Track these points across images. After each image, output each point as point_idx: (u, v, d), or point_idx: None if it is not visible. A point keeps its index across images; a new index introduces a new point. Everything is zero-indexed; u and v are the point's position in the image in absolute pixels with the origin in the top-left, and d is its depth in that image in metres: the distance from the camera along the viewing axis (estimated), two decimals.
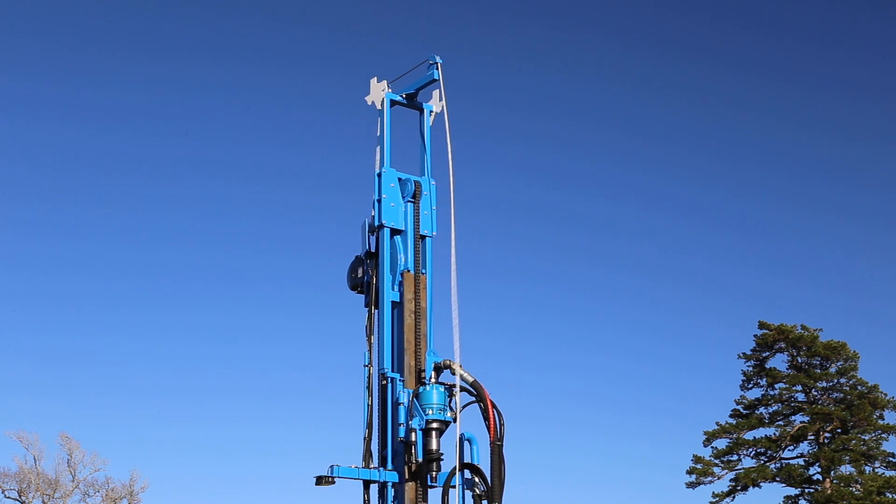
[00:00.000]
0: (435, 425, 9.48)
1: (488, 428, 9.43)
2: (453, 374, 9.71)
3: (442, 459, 9.49)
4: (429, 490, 9.58)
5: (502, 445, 9.39)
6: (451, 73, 10.56)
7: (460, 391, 9.70)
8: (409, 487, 9.55)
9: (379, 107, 10.69)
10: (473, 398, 9.62)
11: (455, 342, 9.64)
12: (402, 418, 9.59)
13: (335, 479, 9.41)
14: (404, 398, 9.64)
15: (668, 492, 75.03)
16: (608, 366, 79.08)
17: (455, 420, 9.63)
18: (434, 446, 9.45)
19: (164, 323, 77.83)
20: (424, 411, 9.49)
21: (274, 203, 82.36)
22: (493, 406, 9.45)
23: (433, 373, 9.78)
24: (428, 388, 9.60)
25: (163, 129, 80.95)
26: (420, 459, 9.44)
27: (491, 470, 9.32)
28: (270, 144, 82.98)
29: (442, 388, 9.63)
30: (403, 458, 9.59)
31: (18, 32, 76.21)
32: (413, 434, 9.46)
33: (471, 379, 9.64)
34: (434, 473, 9.43)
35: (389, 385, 9.79)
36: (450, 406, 9.63)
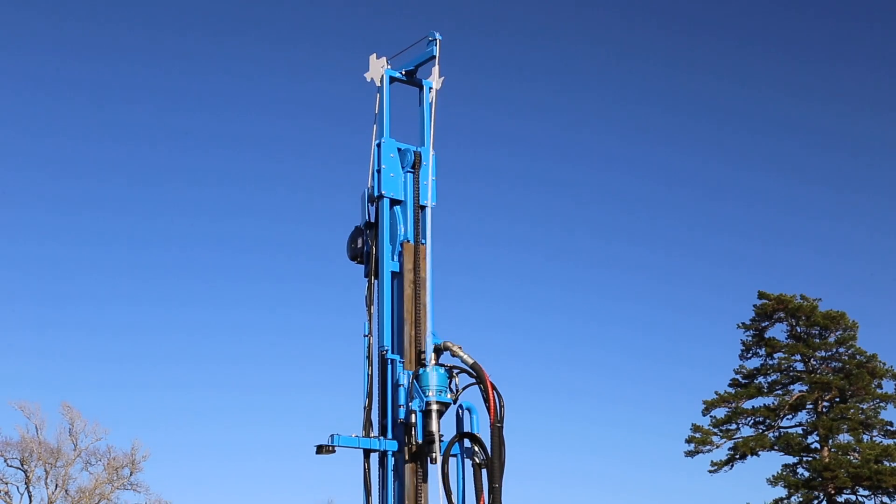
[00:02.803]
0: (435, 407, 9.47)
1: (488, 409, 9.41)
2: (453, 355, 9.70)
3: (442, 441, 9.49)
4: (428, 470, 9.58)
5: (502, 427, 9.38)
6: (450, 48, 10.55)
7: (460, 373, 9.68)
8: (409, 468, 9.56)
9: (378, 83, 10.65)
10: (473, 380, 9.62)
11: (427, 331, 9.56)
12: (402, 400, 9.59)
13: (336, 448, 9.45)
14: (404, 380, 9.64)
15: (667, 460, 75.42)
16: (607, 335, 79.24)
17: (455, 402, 9.63)
18: (434, 427, 9.45)
19: (166, 292, 77.93)
20: (424, 393, 9.49)
21: (275, 174, 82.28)
22: (493, 388, 9.43)
23: (433, 354, 9.77)
24: (428, 369, 9.60)
25: (163, 98, 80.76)
26: (420, 441, 9.45)
27: (491, 452, 9.32)
28: (271, 116, 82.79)
29: (442, 370, 9.62)
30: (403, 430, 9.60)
31: (24, 40, 76.04)
32: (413, 416, 9.47)
33: (470, 361, 9.62)
34: (434, 455, 9.43)
35: (389, 366, 9.79)
36: (450, 388, 9.63)
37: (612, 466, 74.83)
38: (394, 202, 10.30)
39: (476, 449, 9.51)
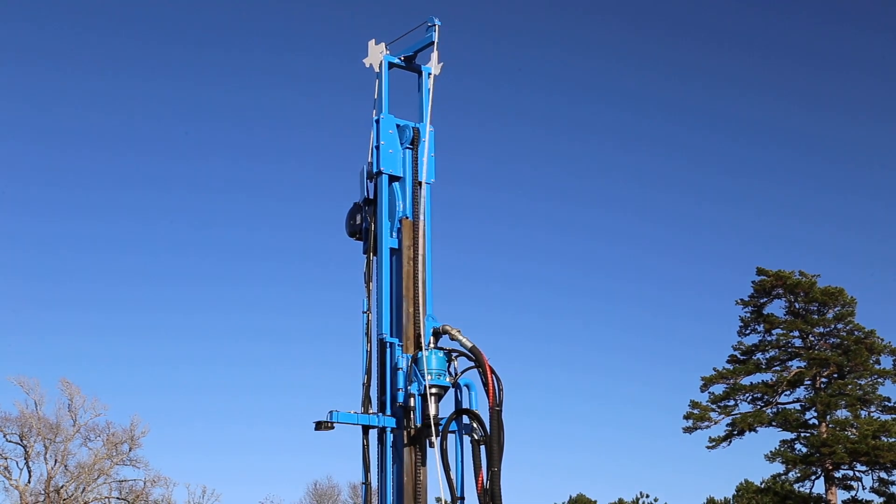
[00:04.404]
0: (433, 390, 9.44)
1: (487, 394, 9.37)
2: (452, 339, 9.65)
3: (440, 424, 9.44)
4: (427, 453, 9.55)
5: (501, 411, 9.33)
6: (448, 36, 10.49)
7: (458, 356, 9.63)
8: (408, 452, 9.54)
9: (377, 69, 10.58)
10: (472, 364, 9.57)
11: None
12: (400, 383, 9.56)
13: (334, 425, 9.43)
14: (403, 363, 9.61)
15: (666, 436, 75.68)
16: (606, 311, 79.36)
17: (453, 385, 9.59)
18: (433, 411, 9.40)
19: (165, 269, 77.92)
20: (423, 377, 9.46)
21: (274, 150, 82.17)
22: (492, 372, 9.37)
23: (431, 337, 9.73)
24: (426, 353, 9.56)
25: (165, 71, 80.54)
26: (419, 424, 9.42)
27: (490, 436, 9.29)
28: (272, 97, 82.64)
29: (440, 354, 9.57)
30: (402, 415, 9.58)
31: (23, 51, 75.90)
32: (412, 399, 9.44)
33: (469, 344, 9.56)
34: (433, 438, 9.41)
35: (388, 350, 9.76)
36: (448, 371, 9.59)
37: (611, 443, 75.10)
38: (392, 178, 10.26)
39: (475, 426, 9.48)
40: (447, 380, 9.54)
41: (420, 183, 10.28)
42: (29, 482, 48.01)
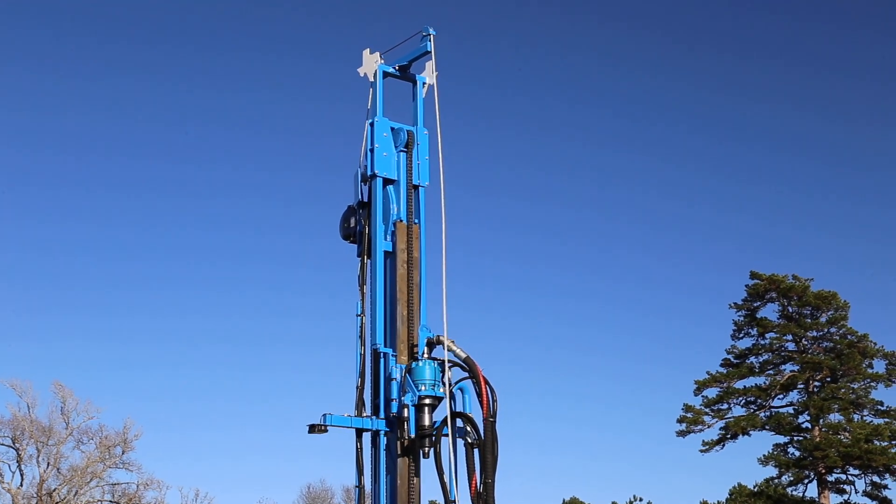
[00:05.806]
0: (427, 401, 9.41)
1: (481, 404, 9.36)
2: (446, 349, 9.63)
3: (434, 435, 9.42)
4: (421, 463, 9.53)
5: (495, 422, 9.32)
6: (445, 40, 10.47)
7: (452, 367, 9.60)
8: (402, 462, 9.51)
9: (371, 78, 10.56)
10: (466, 374, 9.57)
11: (444, 321, 9.55)
12: (394, 394, 9.54)
13: (328, 428, 9.42)
14: (397, 374, 9.59)
15: (659, 440, 75.74)
16: (600, 314, 79.42)
17: (447, 396, 9.55)
18: (427, 422, 9.38)
19: (159, 273, 77.86)
20: (417, 387, 9.43)
21: (270, 152, 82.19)
22: (486, 382, 9.37)
23: (426, 348, 9.70)
24: (420, 363, 9.54)
25: (162, 75, 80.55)
26: (412, 435, 9.40)
27: (484, 447, 9.26)
28: (269, 104, 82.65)
29: (434, 364, 9.54)
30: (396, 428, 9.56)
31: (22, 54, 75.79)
32: (405, 410, 9.42)
33: (463, 355, 9.54)
34: (426, 449, 9.39)
35: (382, 360, 9.74)
36: (442, 382, 9.56)
37: (604, 446, 75.16)
38: (387, 181, 10.25)
39: (468, 429, 9.47)
40: (441, 390, 9.51)
41: (415, 186, 10.28)
42: (21, 485, 47.88)
